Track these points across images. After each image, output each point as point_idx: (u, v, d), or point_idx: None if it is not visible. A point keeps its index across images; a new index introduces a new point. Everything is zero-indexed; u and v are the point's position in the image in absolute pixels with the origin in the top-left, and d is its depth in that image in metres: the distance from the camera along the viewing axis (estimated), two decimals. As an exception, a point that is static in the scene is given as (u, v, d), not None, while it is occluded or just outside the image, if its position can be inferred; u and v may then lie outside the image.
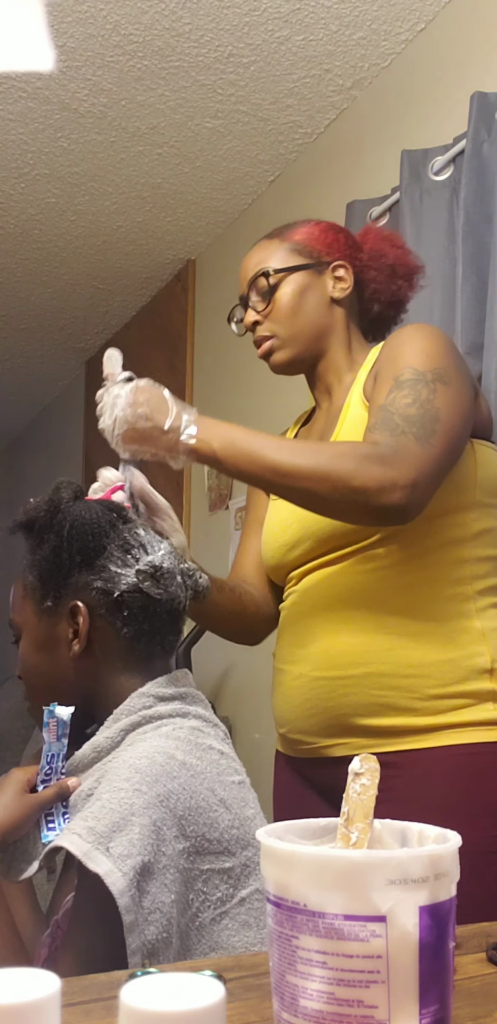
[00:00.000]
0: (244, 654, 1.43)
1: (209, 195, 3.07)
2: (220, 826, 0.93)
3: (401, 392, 1.20)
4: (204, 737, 1.01)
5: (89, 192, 3.06)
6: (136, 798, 0.88)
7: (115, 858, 0.84)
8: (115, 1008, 0.43)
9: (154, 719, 1.02)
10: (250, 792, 1.02)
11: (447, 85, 2.18)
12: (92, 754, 1.02)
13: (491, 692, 1.23)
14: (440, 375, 1.22)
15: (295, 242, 1.42)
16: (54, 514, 1.09)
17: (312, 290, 1.40)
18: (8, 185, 3.01)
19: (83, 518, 1.07)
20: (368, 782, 0.59)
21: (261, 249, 1.44)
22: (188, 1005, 0.41)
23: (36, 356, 4.52)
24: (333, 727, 1.28)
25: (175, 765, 0.93)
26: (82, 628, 1.05)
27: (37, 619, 1.08)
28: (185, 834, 0.90)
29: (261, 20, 2.29)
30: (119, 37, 2.35)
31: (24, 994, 0.40)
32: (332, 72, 2.46)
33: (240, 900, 0.94)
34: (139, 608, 1.06)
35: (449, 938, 0.52)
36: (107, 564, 1.06)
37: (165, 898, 0.86)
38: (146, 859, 0.85)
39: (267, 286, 1.39)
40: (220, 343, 3.28)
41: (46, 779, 1.03)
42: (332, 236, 1.43)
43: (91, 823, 0.86)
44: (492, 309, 1.71)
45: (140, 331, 3.98)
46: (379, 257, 1.44)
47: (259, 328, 1.42)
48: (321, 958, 0.50)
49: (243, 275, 1.44)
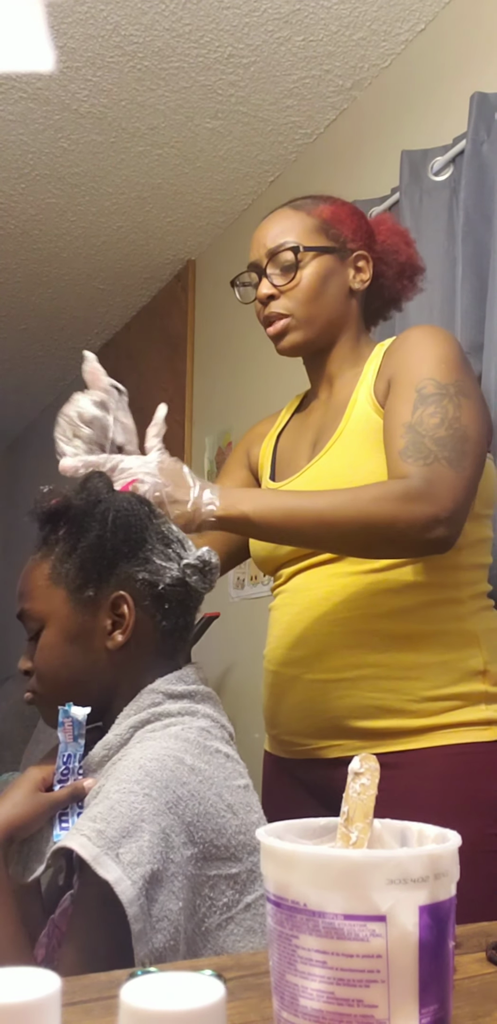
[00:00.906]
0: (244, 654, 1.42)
1: (209, 195, 3.07)
2: (227, 832, 0.93)
3: (427, 409, 1.19)
4: (212, 740, 1.00)
5: (89, 192, 3.06)
6: (146, 803, 0.87)
7: (125, 865, 0.83)
8: (115, 1007, 0.43)
9: (163, 717, 1.01)
10: (253, 796, 1.02)
11: (447, 85, 2.18)
12: (102, 752, 1.02)
13: (483, 693, 1.24)
14: (462, 388, 1.21)
15: (324, 220, 1.36)
16: (95, 503, 1.07)
17: (335, 276, 1.36)
18: (8, 186, 3.01)
19: (126, 509, 1.06)
20: (368, 782, 0.59)
21: (284, 218, 1.38)
22: (188, 1005, 0.41)
23: (36, 356, 4.52)
24: (327, 729, 1.27)
25: (184, 770, 0.92)
26: (128, 619, 1.04)
27: (71, 609, 1.05)
28: (193, 840, 0.90)
29: (261, 21, 2.29)
30: (119, 38, 2.35)
31: (24, 993, 0.40)
32: (332, 72, 2.46)
33: (245, 906, 0.93)
34: (178, 602, 1.07)
35: (449, 938, 0.52)
36: (151, 556, 1.06)
37: (173, 906, 0.85)
38: (155, 867, 0.84)
39: (293, 261, 1.33)
40: (220, 343, 3.28)
41: (63, 779, 1.02)
42: (357, 221, 1.39)
43: (100, 826, 0.86)
44: (492, 309, 1.71)
45: (140, 331, 3.98)
46: (393, 252, 1.40)
47: (273, 303, 1.35)
48: (321, 957, 0.50)
49: (261, 241, 1.37)
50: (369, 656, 1.25)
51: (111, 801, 0.88)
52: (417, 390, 1.21)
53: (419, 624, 1.25)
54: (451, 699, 1.23)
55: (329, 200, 1.40)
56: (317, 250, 1.34)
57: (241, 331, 3.10)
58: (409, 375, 1.23)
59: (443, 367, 1.23)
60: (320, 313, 1.35)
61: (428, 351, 1.25)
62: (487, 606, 1.31)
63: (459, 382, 1.22)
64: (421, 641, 1.25)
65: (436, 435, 1.16)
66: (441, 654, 1.24)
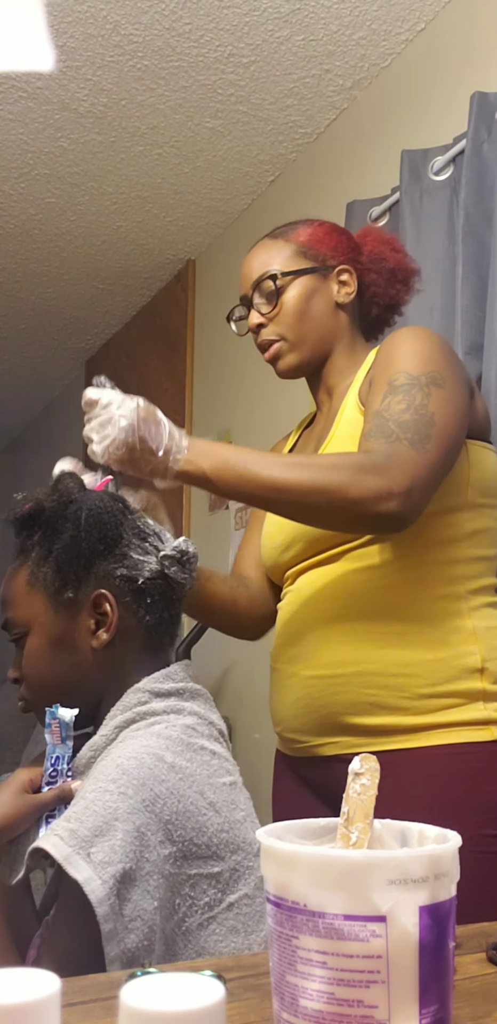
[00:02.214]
0: (244, 654, 1.43)
1: (209, 195, 3.07)
2: (209, 830, 0.92)
3: (396, 397, 1.20)
4: (197, 737, 1.00)
5: (89, 192, 3.06)
6: (121, 802, 0.86)
7: (95, 865, 0.82)
8: (115, 1008, 0.43)
9: (148, 716, 1.01)
10: (241, 793, 1.01)
11: (447, 85, 2.18)
12: (89, 753, 1.02)
13: (481, 691, 1.23)
14: (434, 378, 1.22)
15: (300, 244, 1.41)
16: (67, 504, 1.07)
17: (318, 294, 1.39)
18: (8, 185, 3.01)
19: (98, 507, 1.06)
20: (368, 782, 0.59)
21: (265, 249, 1.43)
22: (188, 1005, 0.41)
23: (36, 356, 4.52)
24: (324, 726, 1.28)
25: (163, 768, 0.91)
26: (111, 617, 1.03)
27: (53, 612, 1.05)
28: (171, 839, 0.89)
29: (261, 20, 2.28)
30: (119, 37, 2.35)
31: (24, 994, 0.40)
32: (332, 72, 2.46)
33: (228, 905, 0.92)
34: (160, 595, 1.06)
35: (449, 938, 0.52)
36: (128, 552, 1.05)
37: (147, 905, 0.85)
38: (127, 866, 0.84)
39: (274, 288, 1.38)
40: (220, 343, 3.28)
41: (51, 780, 1.02)
42: (336, 239, 1.43)
43: (74, 825, 0.85)
44: (492, 309, 1.71)
45: (140, 331, 3.98)
46: (379, 261, 1.43)
47: (264, 331, 1.40)
48: (321, 958, 0.50)
49: (246, 275, 1.42)
50: (365, 652, 1.25)
51: (86, 800, 0.87)
52: (389, 382, 1.23)
53: (415, 621, 1.25)
54: (448, 696, 1.23)
55: (306, 223, 1.45)
56: (295, 273, 1.39)
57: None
58: (385, 372, 1.26)
59: (416, 360, 1.24)
60: (309, 331, 1.39)
61: (405, 348, 1.27)
62: (487, 602, 1.30)
63: (432, 374, 1.23)
64: (417, 637, 1.25)
65: (400, 419, 1.18)
66: (437, 651, 1.24)
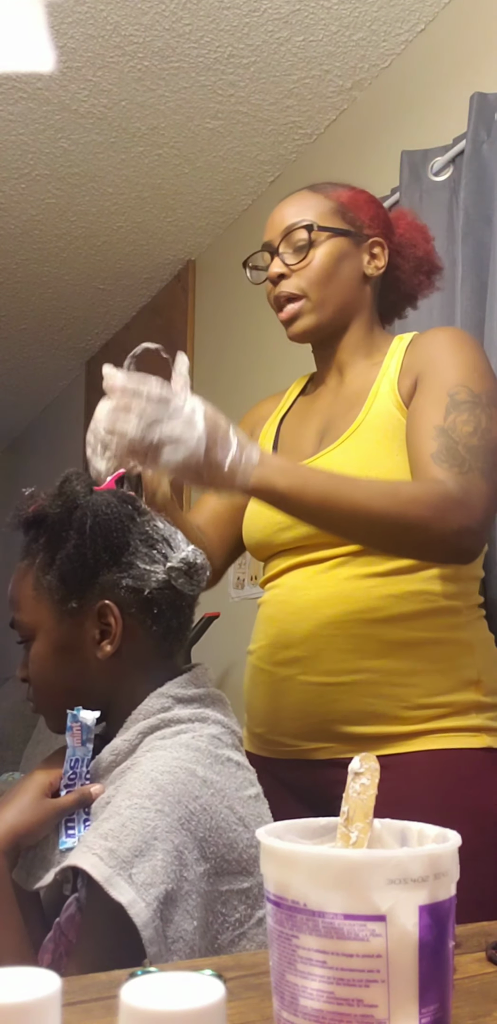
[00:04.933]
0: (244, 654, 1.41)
1: (209, 195, 3.07)
2: (239, 846, 0.90)
3: (461, 416, 1.18)
4: (222, 747, 0.98)
5: (89, 192, 3.06)
6: (159, 820, 0.85)
7: (138, 887, 0.81)
8: (115, 1007, 0.43)
9: (172, 723, 0.98)
10: (264, 805, 0.99)
11: (447, 85, 2.18)
12: (110, 757, 0.99)
13: (475, 703, 1.23)
14: (492, 398, 1.21)
15: (341, 203, 1.35)
16: (72, 509, 1.02)
17: (349, 259, 1.34)
18: (8, 186, 3.01)
19: (105, 513, 1.01)
20: (368, 782, 0.59)
21: (302, 199, 1.37)
22: (188, 1005, 0.41)
23: (36, 356, 4.52)
24: (318, 732, 1.26)
25: (196, 784, 0.89)
26: (115, 629, 1.00)
27: (57, 621, 1.02)
28: (205, 856, 0.87)
29: (261, 21, 2.29)
30: (119, 38, 2.35)
31: (24, 993, 0.40)
32: (332, 73, 2.46)
33: (258, 920, 0.91)
34: (168, 605, 1.03)
35: (449, 937, 0.52)
36: (134, 561, 1.01)
37: (188, 926, 0.83)
38: (169, 887, 0.82)
39: (306, 241, 1.32)
40: (220, 343, 3.28)
41: (70, 784, 0.99)
42: (375, 209, 1.38)
43: (112, 844, 0.83)
44: (492, 309, 1.71)
45: (140, 331, 3.98)
46: (410, 246, 1.40)
47: (284, 283, 1.33)
48: (321, 957, 0.50)
49: (277, 221, 1.36)
50: (365, 661, 1.24)
51: (123, 817, 0.85)
52: (449, 394, 1.19)
53: (417, 631, 1.24)
54: (443, 707, 1.22)
55: (348, 186, 1.41)
56: (332, 231, 1.33)
57: (241, 331, 3.10)
58: (440, 377, 1.22)
59: (476, 376, 1.22)
60: (332, 295, 1.33)
61: (459, 356, 1.24)
62: (481, 616, 1.31)
63: (490, 392, 1.21)
64: (418, 648, 1.24)
65: (469, 443, 1.15)
66: (437, 662, 1.23)
